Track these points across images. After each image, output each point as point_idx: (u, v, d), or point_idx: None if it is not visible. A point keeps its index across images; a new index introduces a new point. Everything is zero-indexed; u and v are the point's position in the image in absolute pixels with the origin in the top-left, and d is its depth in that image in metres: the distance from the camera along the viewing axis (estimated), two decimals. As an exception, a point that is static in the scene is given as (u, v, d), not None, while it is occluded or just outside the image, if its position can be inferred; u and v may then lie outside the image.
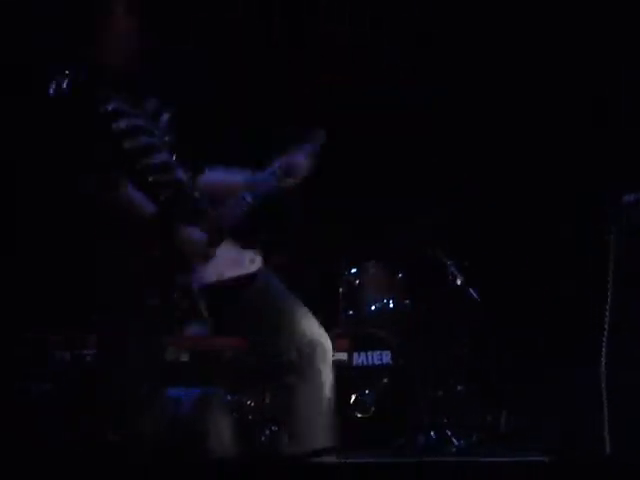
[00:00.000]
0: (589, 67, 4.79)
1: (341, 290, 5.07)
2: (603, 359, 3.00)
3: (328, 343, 3.09)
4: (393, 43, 5.17)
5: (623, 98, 4.63)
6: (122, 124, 2.93)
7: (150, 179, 2.94)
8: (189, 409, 3.56)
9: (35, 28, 4.20)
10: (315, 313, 4.91)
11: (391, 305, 4.95)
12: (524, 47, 4.95)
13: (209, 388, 3.64)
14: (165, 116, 3.11)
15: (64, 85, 2.88)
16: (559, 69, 4.94)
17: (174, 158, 3.03)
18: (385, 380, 4.61)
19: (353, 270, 5.08)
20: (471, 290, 4.83)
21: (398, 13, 5.08)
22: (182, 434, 3.44)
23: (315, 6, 4.84)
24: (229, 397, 3.64)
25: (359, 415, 4.53)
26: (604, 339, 3.01)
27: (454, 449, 4.36)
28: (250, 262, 3.01)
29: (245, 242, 3.05)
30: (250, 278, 3.01)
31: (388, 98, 5.20)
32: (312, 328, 3.08)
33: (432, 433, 4.43)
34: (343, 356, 4.04)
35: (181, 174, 3.02)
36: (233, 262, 2.99)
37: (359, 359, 4.60)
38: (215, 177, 3.18)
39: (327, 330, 4.64)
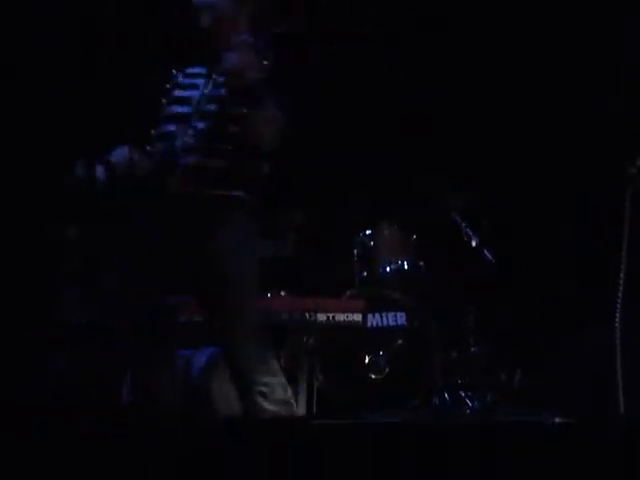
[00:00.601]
0: (589, 64, 4.75)
1: (355, 252, 5.04)
2: (618, 318, 2.97)
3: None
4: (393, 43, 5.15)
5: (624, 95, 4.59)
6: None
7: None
8: (200, 369, 3.57)
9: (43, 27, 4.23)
10: (330, 274, 4.93)
11: (406, 267, 4.92)
12: (525, 45, 4.90)
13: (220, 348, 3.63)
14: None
15: None
16: (560, 67, 4.90)
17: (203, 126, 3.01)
18: (399, 341, 4.59)
19: (368, 232, 5.05)
20: (486, 252, 4.79)
21: (398, 13, 5.04)
22: (193, 393, 3.45)
23: (315, 6, 4.79)
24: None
25: (373, 376, 4.52)
26: (619, 298, 2.98)
27: (468, 410, 4.37)
28: None
29: None
30: None
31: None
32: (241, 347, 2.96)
33: (446, 394, 4.44)
34: (358, 317, 4.02)
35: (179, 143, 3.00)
36: None
37: (373, 320, 4.58)
38: None
39: (342, 292, 4.68)
